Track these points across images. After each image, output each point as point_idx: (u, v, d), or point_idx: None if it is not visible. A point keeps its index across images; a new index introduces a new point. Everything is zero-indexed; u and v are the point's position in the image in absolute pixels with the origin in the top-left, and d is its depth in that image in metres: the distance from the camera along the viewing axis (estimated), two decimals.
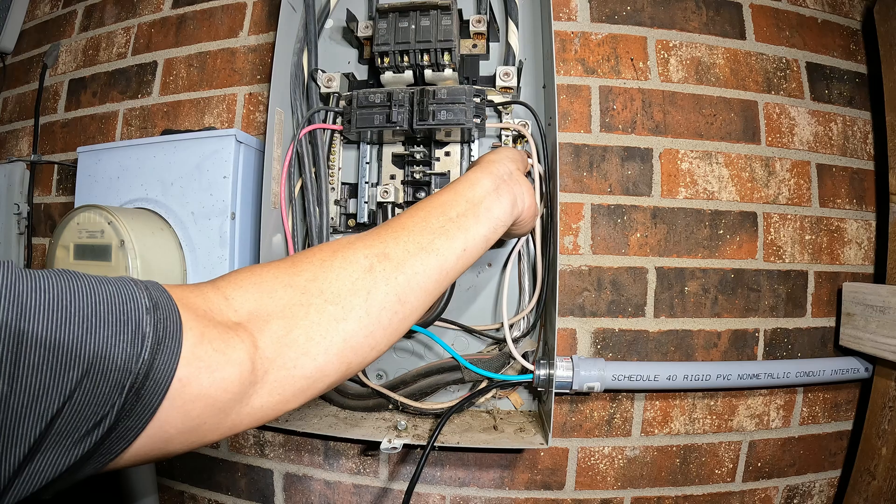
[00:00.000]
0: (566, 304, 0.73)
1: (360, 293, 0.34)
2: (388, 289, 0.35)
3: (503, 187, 0.47)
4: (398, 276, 0.36)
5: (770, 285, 0.75)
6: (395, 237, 0.38)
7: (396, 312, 0.36)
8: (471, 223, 0.42)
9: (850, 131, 0.79)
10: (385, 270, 0.35)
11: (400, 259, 0.36)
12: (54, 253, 0.63)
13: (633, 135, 0.75)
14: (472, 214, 0.42)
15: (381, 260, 0.35)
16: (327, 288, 0.33)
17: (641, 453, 0.73)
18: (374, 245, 0.36)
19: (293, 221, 0.70)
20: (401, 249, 0.37)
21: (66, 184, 0.93)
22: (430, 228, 0.39)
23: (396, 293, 0.35)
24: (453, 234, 0.40)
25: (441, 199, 0.43)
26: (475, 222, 0.42)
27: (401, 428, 0.66)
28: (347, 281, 0.34)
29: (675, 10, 0.77)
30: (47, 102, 0.97)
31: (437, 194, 0.44)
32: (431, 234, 0.39)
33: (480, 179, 0.46)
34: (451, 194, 0.43)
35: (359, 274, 0.34)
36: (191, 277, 0.67)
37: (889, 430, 0.67)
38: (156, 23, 0.90)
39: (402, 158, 0.70)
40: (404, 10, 0.64)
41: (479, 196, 0.44)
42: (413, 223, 0.39)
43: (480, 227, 0.42)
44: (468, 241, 0.41)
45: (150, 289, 0.27)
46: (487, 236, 0.43)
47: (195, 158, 0.67)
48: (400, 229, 0.39)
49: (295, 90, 0.71)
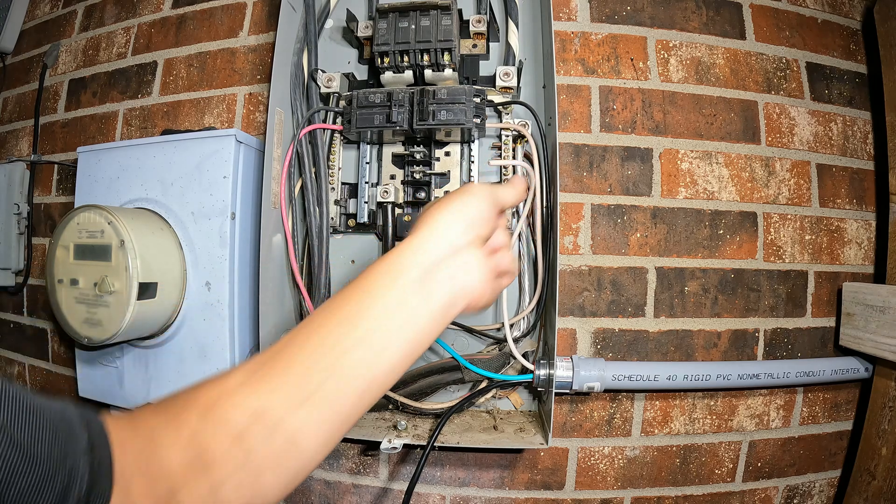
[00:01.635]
0: (566, 304, 0.73)
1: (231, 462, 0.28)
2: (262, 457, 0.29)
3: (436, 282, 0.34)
4: (276, 439, 0.29)
5: (770, 285, 0.75)
6: (279, 384, 0.30)
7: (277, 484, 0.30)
8: (378, 346, 0.31)
9: (850, 131, 0.79)
10: (258, 435, 0.28)
11: (277, 417, 0.29)
12: (54, 253, 0.63)
13: (633, 135, 0.75)
14: (383, 331, 0.31)
15: (254, 421, 0.28)
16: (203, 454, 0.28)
17: (641, 453, 0.73)
18: (250, 401, 0.29)
19: (293, 221, 0.70)
20: (279, 403, 0.29)
21: (66, 184, 0.93)
22: (321, 364, 0.30)
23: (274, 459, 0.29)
24: (352, 371, 0.30)
25: (344, 309, 0.32)
26: (383, 346, 0.31)
27: (401, 428, 0.66)
28: (220, 449, 0.28)
29: (675, 10, 0.77)
30: (47, 102, 0.97)
31: (344, 296, 0.33)
32: (322, 372, 0.30)
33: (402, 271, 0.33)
34: (356, 302, 0.32)
35: (230, 443, 0.28)
36: (191, 277, 0.67)
37: (889, 430, 0.67)
38: (156, 23, 0.90)
39: (402, 158, 0.70)
40: (404, 10, 0.64)
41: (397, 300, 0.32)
42: (301, 359, 0.30)
43: (389, 352, 0.32)
44: (370, 375, 0.31)
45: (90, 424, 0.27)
46: (404, 359, 0.33)
47: (195, 158, 0.67)
48: (285, 370, 0.30)
49: (295, 90, 0.71)
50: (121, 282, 0.60)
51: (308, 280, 0.70)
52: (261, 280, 0.64)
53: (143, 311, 0.61)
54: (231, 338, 0.66)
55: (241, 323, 0.67)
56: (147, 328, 0.65)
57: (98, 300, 0.61)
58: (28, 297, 0.95)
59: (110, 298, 0.60)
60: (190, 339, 0.67)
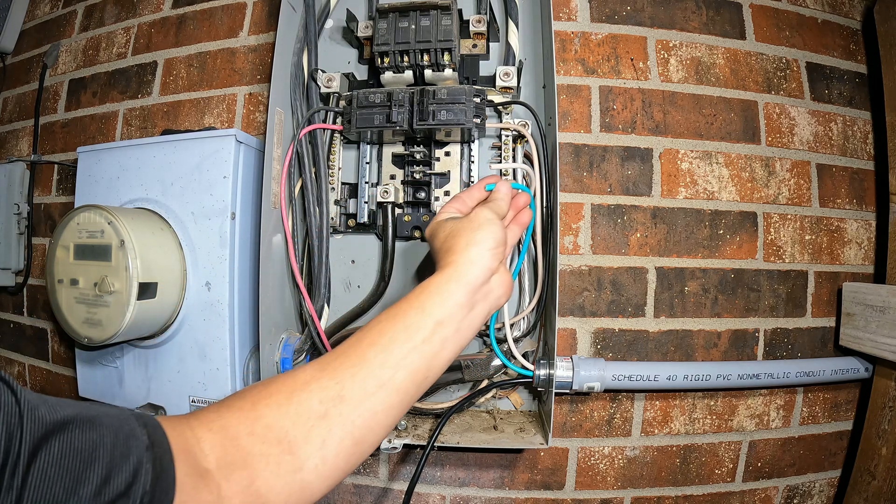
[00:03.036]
0: (566, 304, 0.73)
1: (314, 442, 0.33)
2: (343, 433, 0.34)
3: (479, 300, 0.42)
4: (355, 420, 0.35)
5: (770, 285, 0.75)
6: (352, 374, 0.35)
7: (353, 454, 0.35)
8: (437, 349, 0.38)
9: (850, 131, 0.79)
10: (341, 415, 0.34)
11: (357, 400, 0.35)
12: (54, 253, 0.63)
13: (633, 135, 0.75)
14: (439, 339, 0.39)
15: (336, 404, 0.34)
16: (284, 437, 0.33)
17: (641, 453, 0.73)
18: (329, 387, 0.35)
19: (293, 221, 0.70)
20: (358, 389, 0.35)
21: (66, 184, 0.93)
22: (393, 360, 0.36)
23: (353, 437, 0.35)
24: (417, 366, 0.37)
25: (407, 318, 0.39)
26: (441, 347, 0.39)
27: (401, 428, 0.66)
28: (303, 430, 0.33)
29: (675, 10, 0.77)
30: (47, 102, 0.97)
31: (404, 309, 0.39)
32: (393, 367, 0.36)
33: (453, 292, 0.40)
34: (417, 314, 0.39)
35: (314, 422, 0.33)
36: (191, 277, 0.67)
37: (889, 430, 0.67)
38: (156, 23, 0.90)
39: (402, 158, 0.70)
40: (404, 10, 0.64)
41: (449, 314, 0.39)
42: (373, 354, 0.36)
43: (446, 352, 0.39)
44: (432, 370, 0.39)
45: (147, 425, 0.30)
46: (451, 358, 0.41)
47: (195, 158, 0.67)
48: (358, 362, 0.36)
49: (295, 90, 0.71)
50: (121, 282, 0.60)
51: (308, 280, 0.70)
52: (261, 280, 0.64)
53: (143, 311, 0.61)
54: (231, 338, 0.66)
55: (240, 323, 0.67)
56: (147, 328, 0.65)
57: (98, 300, 0.61)
58: (28, 297, 0.95)
59: (110, 298, 0.60)
60: (190, 339, 0.67)
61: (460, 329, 0.40)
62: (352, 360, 0.36)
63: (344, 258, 0.74)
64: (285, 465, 0.33)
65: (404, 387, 0.37)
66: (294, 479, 0.33)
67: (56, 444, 0.25)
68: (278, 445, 0.33)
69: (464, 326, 0.41)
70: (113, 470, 0.26)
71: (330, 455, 0.34)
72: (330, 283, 0.70)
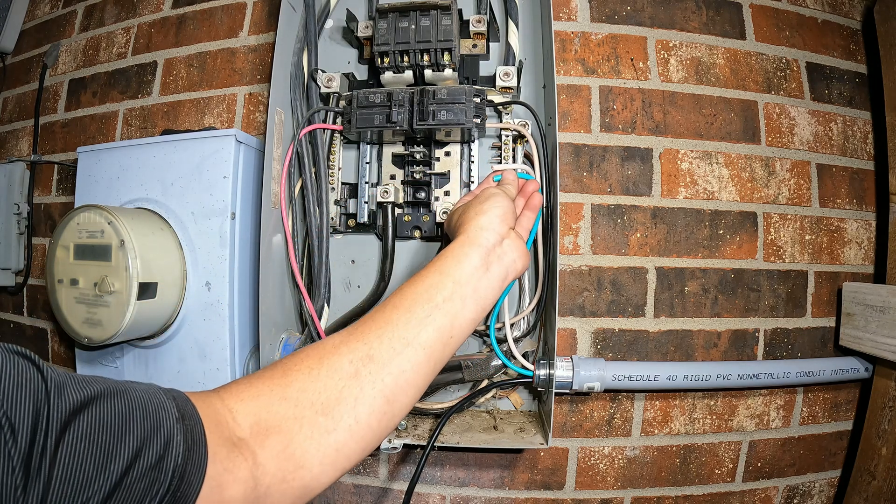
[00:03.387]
0: (566, 304, 0.73)
1: (347, 401, 0.34)
2: (374, 392, 0.35)
3: (493, 261, 0.44)
4: (385, 378, 0.36)
5: (770, 285, 0.75)
6: (379, 335, 0.37)
7: (385, 413, 0.36)
8: (458, 307, 0.40)
9: (850, 131, 0.79)
10: (371, 374, 0.35)
11: (386, 359, 0.36)
12: (54, 253, 0.63)
13: (633, 135, 0.75)
14: (459, 297, 0.41)
15: (366, 363, 0.35)
16: (317, 399, 0.34)
17: (641, 453, 0.73)
18: (357, 348, 0.36)
19: (293, 221, 0.70)
20: (386, 348, 0.36)
21: (66, 184, 0.93)
22: (416, 319, 0.38)
23: (384, 395, 0.36)
24: (440, 323, 0.39)
25: (427, 281, 0.41)
26: (462, 306, 0.41)
27: (401, 428, 0.66)
28: (335, 390, 0.34)
29: (675, 10, 0.77)
30: (47, 102, 0.97)
31: (423, 274, 0.42)
32: (417, 325, 0.38)
33: (468, 255, 0.43)
34: (436, 275, 0.41)
35: (345, 382, 0.35)
36: (191, 277, 0.67)
37: (889, 430, 0.67)
38: (156, 23, 0.90)
39: (402, 158, 0.70)
40: (404, 10, 0.64)
41: (467, 275, 0.42)
42: (398, 316, 0.38)
43: (467, 311, 0.41)
44: (455, 328, 0.40)
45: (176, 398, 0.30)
46: (476, 318, 0.42)
47: (195, 158, 0.67)
48: (384, 324, 0.38)
49: (295, 90, 0.71)
50: (121, 282, 0.60)
51: (308, 280, 0.70)
52: (261, 280, 0.64)
53: (143, 311, 0.61)
54: (231, 338, 0.66)
55: (240, 323, 0.67)
56: (147, 328, 0.65)
57: (98, 300, 0.61)
58: (28, 297, 0.95)
59: (110, 298, 0.60)
60: (190, 339, 0.67)
61: (478, 289, 0.42)
62: (378, 322, 0.38)
63: (344, 258, 0.74)
64: (319, 427, 0.33)
65: (430, 343, 0.38)
66: (328, 440, 0.33)
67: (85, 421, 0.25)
68: (311, 407, 0.33)
69: (482, 286, 0.43)
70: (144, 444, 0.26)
71: (363, 414, 0.35)
72: (330, 283, 0.70)
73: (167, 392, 0.30)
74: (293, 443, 0.32)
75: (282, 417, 0.33)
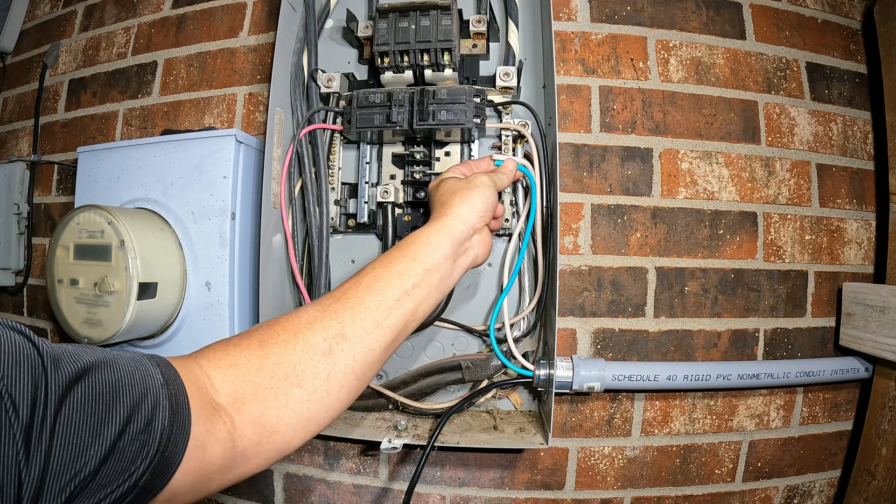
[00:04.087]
0: (566, 304, 0.73)
1: (320, 376, 0.37)
2: (346, 368, 0.38)
3: (461, 253, 0.48)
4: (356, 355, 0.39)
5: (770, 285, 0.75)
6: (352, 315, 0.39)
7: (354, 387, 0.39)
8: (424, 294, 0.44)
9: (850, 131, 0.79)
10: (343, 352, 0.38)
11: (357, 338, 0.39)
12: (54, 253, 0.63)
13: (633, 135, 0.75)
14: (427, 285, 0.44)
15: (339, 341, 0.38)
16: (291, 371, 0.36)
17: (641, 453, 0.73)
18: (332, 326, 0.38)
19: (293, 221, 0.70)
20: (358, 328, 0.39)
21: (66, 184, 0.93)
22: (387, 302, 0.41)
23: (354, 371, 0.39)
24: (407, 308, 0.42)
25: (399, 265, 0.44)
26: (428, 293, 0.44)
27: (401, 428, 0.66)
28: (309, 364, 0.37)
29: (675, 10, 0.77)
30: (47, 102, 0.97)
31: (397, 256, 0.44)
32: (387, 308, 0.41)
33: (441, 244, 0.46)
34: (409, 260, 0.44)
35: (319, 358, 0.37)
36: (191, 277, 0.67)
37: (889, 430, 0.67)
38: (156, 23, 0.90)
39: (402, 158, 0.70)
40: (404, 10, 0.64)
41: (436, 263, 0.45)
42: (370, 297, 0.41)
43: (431, 298, 0.45)
44: (419, 313, 0.44)
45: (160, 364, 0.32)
46: (436, 304, 0.46)
47: (195, 158, 0.67)
48: (357, 304, 0.40)
49: (295, 90, 0.71)
50: (121, 282, 0.60)
51: (308, 280, 0.70)
52: (261, 280, 0.64)
53: (143, 311, 0.61)
54: None
55: (241, 323, 0.67)
56: (147, 328, 0.65)
57: (98, 300, 0.61)
58: (28, 297, 0.95)
59: (110, 298, 0.60)
60: (190, 339, 0.67)
61: (444, 278, 0.46)
62: (351, 302, 0.40)
63: (344, 258, 0.74)
64: (293, 398, 0.36)
65: (397, 326, 0.42)
66: (301, 409, 0.36)
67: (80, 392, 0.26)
68: (286, 379, 0.36)
69: (447, 276, 0.47)
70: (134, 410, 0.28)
71: (334, 388, 0.38)
72: (330, 283, 0.70)
73: (151, 358, 0.32)
74: (268, 410, 0.35)
75: (258, 387, 0.35)
